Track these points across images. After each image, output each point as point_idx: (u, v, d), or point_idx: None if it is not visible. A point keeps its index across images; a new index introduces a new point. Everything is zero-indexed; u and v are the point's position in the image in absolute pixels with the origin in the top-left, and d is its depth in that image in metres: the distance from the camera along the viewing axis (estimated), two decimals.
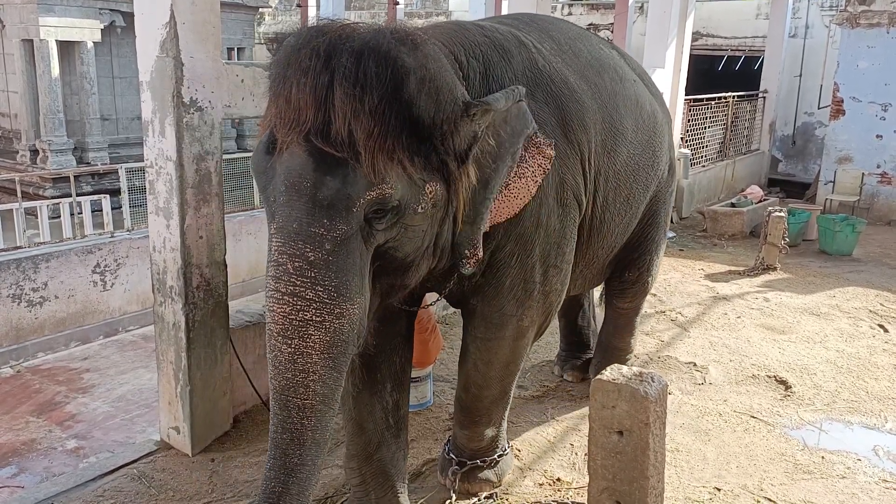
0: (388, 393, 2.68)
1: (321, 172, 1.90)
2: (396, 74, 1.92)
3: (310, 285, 1.90)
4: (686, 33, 8.25)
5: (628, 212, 3.19)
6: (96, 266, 5.64)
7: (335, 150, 1.89)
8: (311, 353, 1.92)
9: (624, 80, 3.12)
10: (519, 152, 2.35)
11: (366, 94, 1.88)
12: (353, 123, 1.87)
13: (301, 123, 1.90)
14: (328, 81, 1.88)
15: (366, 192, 1.91)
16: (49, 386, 4.61)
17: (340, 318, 1.93)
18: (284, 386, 1.93)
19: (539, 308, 2.70)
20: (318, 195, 1.89)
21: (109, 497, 3.00)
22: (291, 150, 1.93)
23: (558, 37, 2.92)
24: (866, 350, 4.80)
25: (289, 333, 1.91)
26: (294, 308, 1.90)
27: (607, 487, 2.20)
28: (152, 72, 3.11)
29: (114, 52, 14.44)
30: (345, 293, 1.93)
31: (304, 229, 1.90)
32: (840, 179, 9.70)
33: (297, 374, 1.92)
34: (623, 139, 2.98)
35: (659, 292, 5.99)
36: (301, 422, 1.94)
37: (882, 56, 9.46)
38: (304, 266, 1.90)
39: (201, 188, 3.22)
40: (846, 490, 3.16)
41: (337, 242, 1.91)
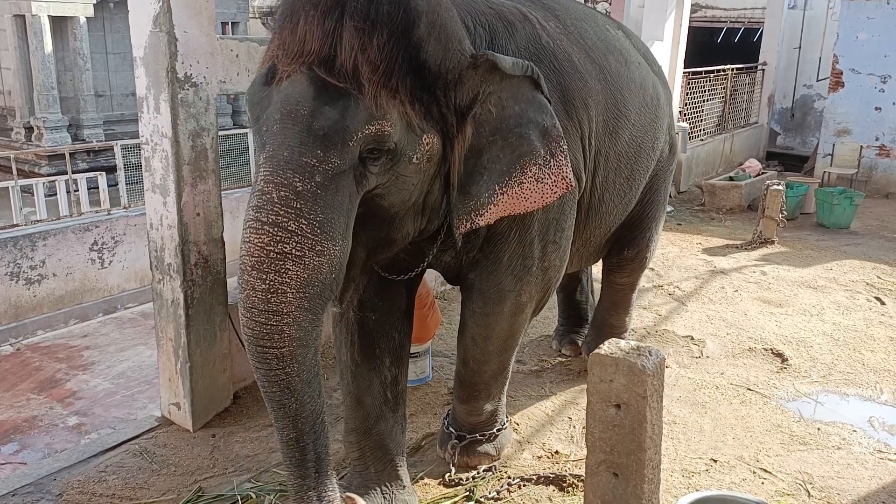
0: (387, 367, 2.68)
1: (320, 102, 1.86)
2: (408, 15, 1.91)
3: (294, 217, 1.83)
4: (685, 5, 8.17)
5: (628, 192, 3.18)
6: (94, 244, 5.63)
7: (338, 80, 1.87)
8: (286, 290, 1.83)
9: (629, 63, 3.10)
10: (532, 145, 2.25)
11: (375, 30, 1.86)
12: (359, 57, 1.86)
13: (305, 54, 1.88)
14: (338, 15, 1.86)
15: (364, 125, 1.88)
16: (49, 363, 4.62)
17: (321, 256, 1.86)
18: (259, 334, 1.85)
19: (537, 284, 2.70)
20: (315, 124, 1.85)
21: (111, 473, 3.02)
22: (292, 79, 1.90)
23: (563, 17, 2.88)
24: (863, 322, 4.83)
25: (265, 266, 1.82)
26: (273, 239, 1.82)
27: (605, 460, 2.22)
28: (146, 47, 3.08)
29: (107, 28, 14.28)
30: (328, 231, 1.87)
31: (296, 158, 1.84)
32: (838, 152, 9.67)
33: (271, 318, 1.83)
34: (626, 121, 2.96)
35: (657, 266, 6.00)
36: (284, 371, 1.87)
37: (882, 27, 9.38)
38: (290, 196, 1.83)
39: (197, 165, 3.20)
40: (841, 461, 3.20)
41: (328, 176, 1.86)
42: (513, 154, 2.24)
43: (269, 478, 2.95)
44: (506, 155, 2.23)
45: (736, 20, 13.18)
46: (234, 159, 10.57)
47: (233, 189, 7.17)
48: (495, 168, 2.23)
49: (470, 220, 2.25)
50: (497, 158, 2.23)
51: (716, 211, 8.15)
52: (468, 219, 2.26)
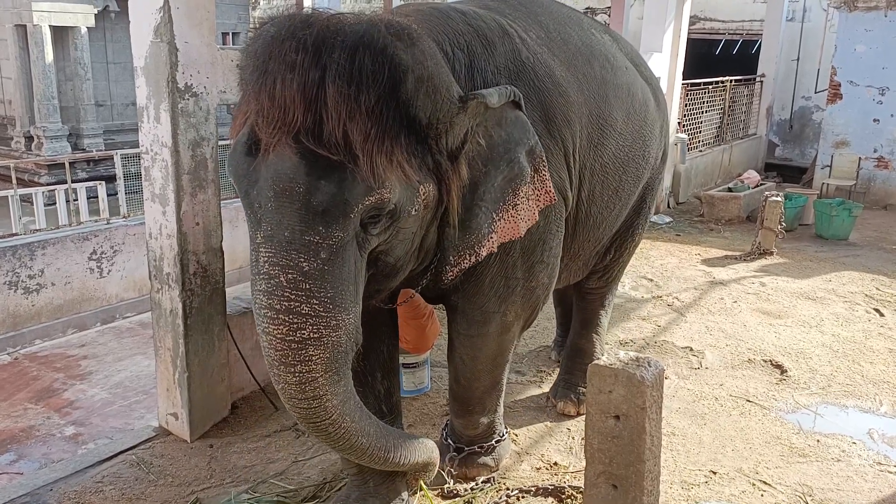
0: (379, 381, 2.66)
1: (314, 177, 1.79)
2: (394, 72, 1.82)
3: (305, 299, 1.82)
4: (684, 17, 8.22)
5: (617, 204, 3.11)
6: (93, 253, 5.62)
7: (329, 152, 1.78)
8: (315, 376, 1.88)
9: (615, 69, 3.01)
10: (522, 166, 2.26)
11: (361, 93, 1.77)
12: (348, 124, 1.76)
13: (288, 123, 1.78)
14: (319, 78, 1.76)
15: (364, 197, 1.82)
16: (47, 373, 4.61)
17: (337, 330, 1.88)
18: (306, 416, 1.95)
19: (523, 303, 2.65)
20: (313, 201, 1.79)
21: (108, 483, 3.01)
22: (279, 152, 1.80)
23: (547, 22, 2.81)
24: (862, 334, 4.82)
25: (290, 360, 1.86)
26: (291, 328, 1.83)
27: (604, 471, 2.22)
28: (147, 57, 3.09)
29: (108, 38, 14.33)
30: (340, 304, 1.87)
31: (298, 238, 1.80)
32: (837, 164, 9.69)
33: (311, 402, 1.92)
34: (612, 131, 2.89)
35: (655, 277, 6.01)
36: (341, 428, 1.98)
37: (880, 40, 9.43)
38: (298, 278, 1.81)
39: (197, 174, 3.20)
40: (841, 473, 3.18)
41: (333, 251, 1.83)
42: (505, 180, 2.24)
43: (267, 489, 2.94)
44: (499, 183, 2.23)
45: (734, 32, 13.24)
46: None
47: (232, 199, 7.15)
48: (490, 197, 2.23)
49: (473, 252, 2.25)
50: (492, 188, 2.23)
51: (714, 222, 8.16)
52: (471, 252, 2.25)
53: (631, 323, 4.94)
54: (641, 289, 5.70)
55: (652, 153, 3.29)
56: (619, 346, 4.52)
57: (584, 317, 3.72)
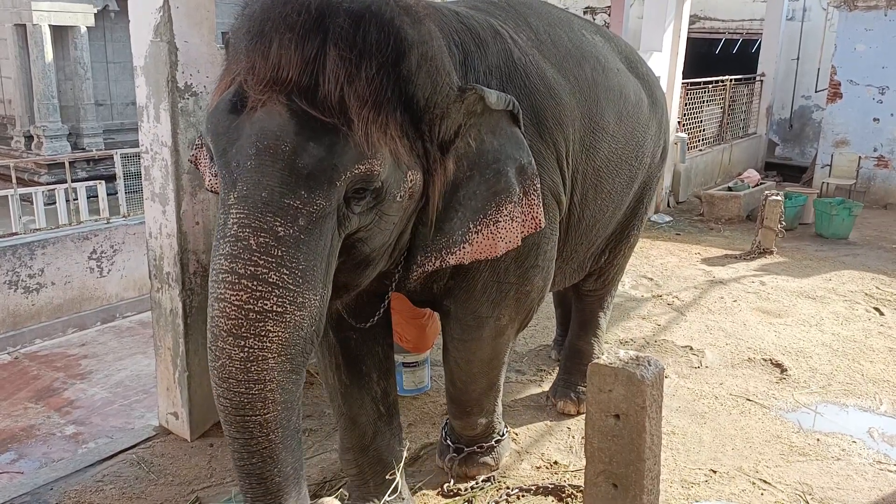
0: (376, 382, 2.62)
1: (304, 137, 1.68)
2: (399, 45, 1.76)
3: (275, 266, 1.64)
4: (683, 16, 8.21)
5: (610, 206, 3.05)
6: (93, 252, 5.62)
7: (323, 114, 1.69)
8: (267, 356, 1.66)
9: (607, 71, 2.94)
10: (509, 182, 2.14)
11: (363, 60, 1.70)
12: (346, 88, 1.68)
13: (282, 81, 1.68)
14: (320, 42, 1.68)
15: (354, 164, 1.72)
16: (47, 372, 4.61)
17: (302, 310, 1.70)
18: (238, 404, 1.67)
19: (517, 307, 2.59)
20: (298, 162, 1.67)
21: (109, 482, 3.01)
22: (268, 109, 1.70)
23: (537, 24, 2.74)
24: (862, 333, 4.83)
25: (242, 331, 1.64)
26: (253, 295, 1.63)
27: (604, 470, 2.22)
28: (146, 56, 3.09)
29: (107, 37, 14.33)
30: (310, 280, 1.70)
31: (276, 199, 1.65)
32: (837, 163, 9.69)
33: (253, 387, 1.66)
34: (604, 134, 2.83)
35: (655, 276, 6.01)
36: (267, 438, 1.70)
37: (879, 39, 9.43)
38: (270, 242, 1.64)
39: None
40: (841, 472, 3.19)
41: (312, 219, 1.69)
42: (489, 191, 2.12)
43: None
44: (482, 192, 2.11)
45: (734, 31, 13.24)
46: None
47: None
48: (470, 205, 2.11)
49: (440, 257, 2.11)
50: (473, 195, 2.10)
51: (714, 221, 8.16)
52: (438, 256, 2.11)
53: (631, 322, 4.94)
54: (641, 288, 5.70)
55: (646, 155, 3.23)
56: (619, 344, 4.52)
57: (583, 318, 3.70)
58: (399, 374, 3.68)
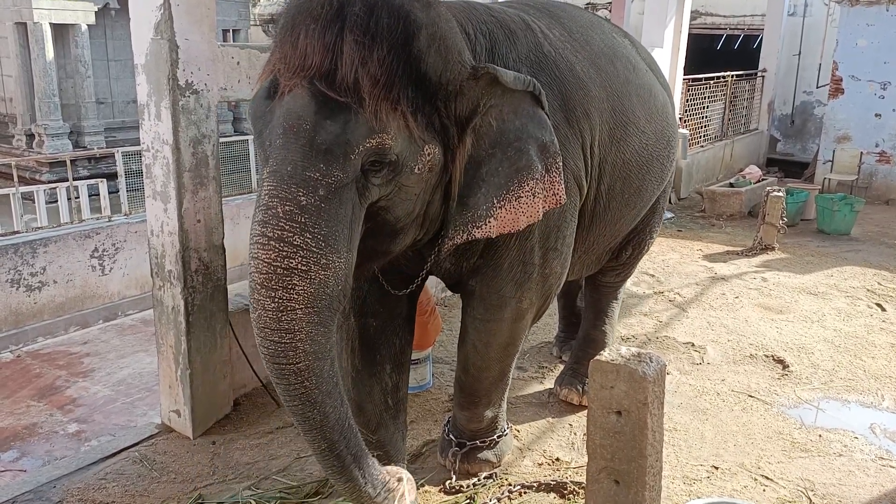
0: (388, 374, 2.68)
1: (322, 116, 1.89)
2: (408, 28, 1.93)
3: (298, 231, 1.87)
4: (685, 12, 8.20)
5: (639, 201, 3.14)
6: (94, 250, 5.62)
7: (338, 94, 1.89)
8: (295, 307, 1.88)
9: (637, 70, 3.08)
10: (531, 159, 2.26)
11: (375, 43, 1.88)
12: (359, 70, 1.87)
13: (307, 68, 1.90)
14: (339, 28, 1.88)
15: (365, 139, 1.91)
16: (49, 370, 4.61)
17: (326, 270, 1.91)
18: (274, 352, 1.91)
19: (538, 290, 2.69)
20: (317, 138, 1.88)
21: (111, 480, 3.02)
22: (294, 93, 1.92)
23: (570, 25, 2.87)
24: (864, 329, 4.82)
25: (272, 283, 1.87)
26: (280, 254, 1.86)
27: (606, 467, 2.22)
28: (147, 54, 3.09)
29: (108, 35, 14.33)
30: (333, 243, 1.91)
31: (299, 173, 1.88)
32: (838, 159, 9.68)
33: (284, 336, 1.89)
34: (634, 128, 2.93)
35: (657, 273, 6.01)
36: (303, 384, 1.93)
37: (881, 34, 9.40)
38: (294, 210, 1.87)
39: (198, 172, 3.21)
40: (843, 468, 3.19)
41: (331, 189, 1.90)
42: (511, 168, 2.25)
43: (270, 485, 2.95)
44: (504, 168, 2.24)
45: (735, 27, 13.22)
46: (235, 166, 10.58)
47: (233, 196, 7.17)
48: (493, 181, 2.24)
49: (467, 231, 2.27)
50: (496, 171, 2.24)
51: (716, 217, 8.15)
52: (465, 230, 2.27)
53: (632, 318, 4.94)
54: (643, 284, 5.70)
55: (673, 154, 3.35)
56: (620, 341, 4.52)
57: (598, 308, 3.78)
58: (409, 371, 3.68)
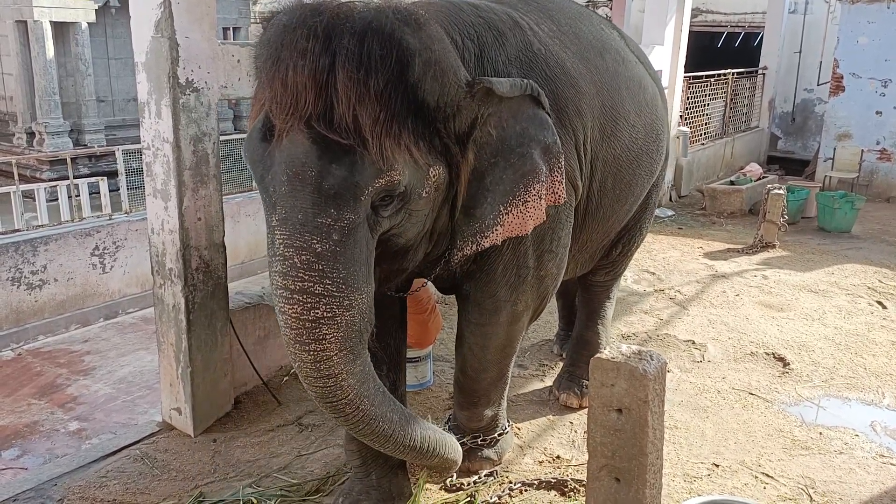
0: (385, 375, 2.64)
1: (326, 161, 1.85)
2: (402, 56, 1.87)
3: (318, 279, 1.87)
4: (685, 10, 8.19)
5: (630, 196, 3.13)
6: (95, 249, 5.62)
7: (340, 136, 1.84)
8: (330, 354, 1.92)
9: (626, 62, 3.05)
10: (535, 163, 2.25)
11: (370, 77, 1.82)
12: (357, 108, 1.82)
13: (300, 109, 1.84)
14: (329, 64, 1.81)
15: (374, 179, 1.88)
16: (50, 368, 4.62)
17: (350, 310, 1.92)
18: (322, 395, 1.97)
19: (534, 292, 2.67)
20: (324, 184, 1.85)
21: (112, 478, 3.02)
22: (292, 138, 1.87)
23: (558, 17, 2.84)
24: (864, 327, 4.82)
25: (304, 338, 1.90)
26: (305, 307, 1.88)
27: (606, 464, 2.22)
28: (147, 52, 3.09)
29: (108, 33, 14.32)
30: (353, 284, 1.92)
31: (311, 220, 1.86)
32: (839, 156, 9.67)
33: (328, 381, 1.95)
34: (624, 123, 2.92)
35: (658, 270, 6.00)
36: (359, 409, 2.00)
37: (882, 32, 9.39)
38: (311, 259, 1.86)
39: (199, 170, 3.20)
40: (843, 465, 3.19)
41: (345, 233, 1.88)
42: (516, 174, 2.24)
43: (271, 483, 2.95)
44: (509, 175, 2.23)
45: (736, 25, 13.20)
46: (236, 164, 10.55)
47: (234, 194, 7.17)
48: (499, 189, 2.23)
49: (475, 241, 2.27)
50: (500, 179, 2.23)
51: (717, 215, 8.15)
52: (473, 241, 2.27)
53: (633, 316, 4.94)
54: (644, 282, 5.70)
55: (663, 147, 3.33)
56: (621, 339, 4.52)
57: (591, 308, 3.75)
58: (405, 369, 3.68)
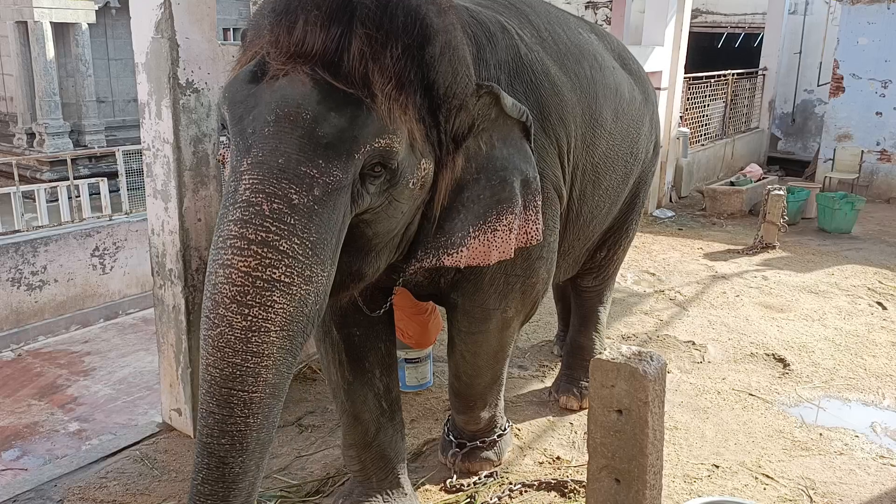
0: (378, 379, 2.62)
1: (326, 106, 1.67)
2: (425, 31, 1.79)
3: (286, 234, 1.61)
4: (685, 10, 8.19)
5: (607, 202, 3.08)
6: (95, 249, 5.63)
7: (346, 86, 1.69)
8: (269, 328, 1.60)
9: (603, 69, 2.98)
10: (513, 192, 2.15)
11: (390, 40, 1.72)
12: (371, 65, 1.70)
13: (305, 55, 1.69)
14: (347, 20, 1.69)
15: (374, 137, 1.72)
16: (50, 369, 4.62)
17: (308, 283, 1.65)
18: (229, 375, 1.59)
19: (523, 299, 2.61)
20: (319, 131, 1.66)
21: (112, 479, 3.02)
22: (291, 78, 1.70)
23: (537, 21, 2.77)
24: (864, 327, 4.82)
25: (248, 298, 1.58)
26: (262, 262, 1.58)
27: (606, 465, 2.22)
28: (147, 53, 3.09)
29: (109, 34, 14.34)
30: (320, 253, 1.67)
31: (293, 167, 1.63)
32: (839, 157, 9.67)
33: (249, 359, 1.59)
34: (602, 130, 2.86)
35: (658, 271, 6.01)
36: (245, 421, 1.62)
37: (882, 32, 9.39)
38: (284, 209, 1.61)
39: (199, 170, 3.21)
40: (844, 466, 3.19)
41: (327, 190, 1.66)
42: (493, 198, 2.13)
43: (270, 483, 2.95)
44: (486, 196, 2.12)
45: (736, 25, 13.20)
46: None
47: None
48: (473, 208, 2.11)
49: (437, 256, 2.13)
50: (477, 198, 2.11)
51: (717, 216, 8.15)
52: (435, 255, 2.12)
53: (633, 317, 4.94)
54: (644, 283, 5.70)
55: (641, 150, 3.27)
56: (621, 340, 4.52)
57: (583, 314, 3.71)
58: (401, 370, 3.68)
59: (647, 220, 7.88)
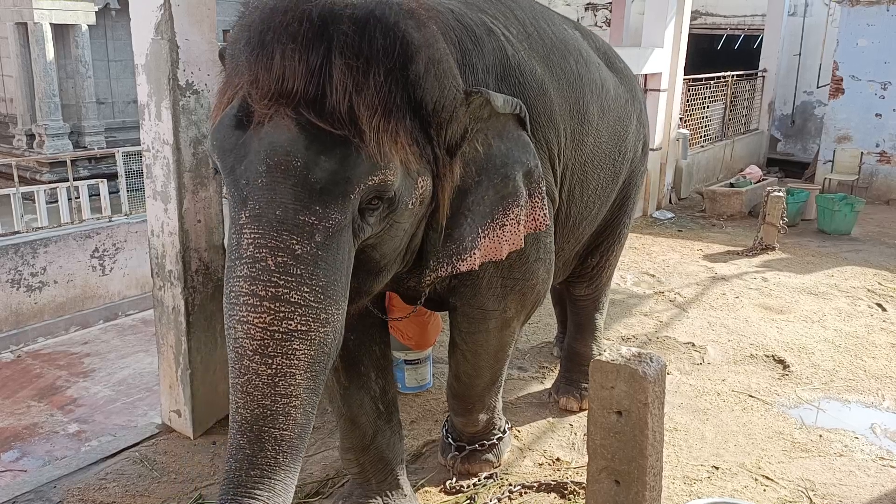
0: (374, 381, 2.61)
1: (314, 151, 1.64)
2: (406, 50, 1.72)
3: (295, 286, 1.62)
4: (685, 12, 8.19)
5: (597, 202, 3.05)
6: (95, 251, 5.63)
7: (332, 126, 1.64)
8: (294, 373, 1.64)
9: (589, 64, 2.95)
10: (517, 186, 2.15)
11: (371, 67, 1.66)
12: (354, 98, 1.64)
13: (287, 94, 1.63)
14: (325, 50, 1.63)
15: (367, 176, 1.69)
16: (50, 370, 4.62)
17: (326, 326, 1.68)
18: (260, 416, 1.62)
19: (523, 300, 2.61)
20: (311, 177, 1.63)
21: (112, 480, 3.02)
22: (275, 123, 1.65)
23: (522, 17, 2.73)
24: (864, 329, 4.82)
25: (269, 350, 1.61)
26: (276, 317, 1.61)
27: (606, 467, 2.22)
28: (147, 55, 3.09)
29: (108, 35, 14.35)
30: (332, 295, 1.68)
31: (291, 217, 1.62)
32: (839, 159, 9.67)
33: (278, 401, 1.62)
34: (589, 127, 2.83)
35: (657, 273, 6.01)
36: (275, 457, 1.63)
37: (882, 34, 9.40)
38: (289, 262, 1.62)
39: (199, 172, 3.21)
40: (843, 468, 3.19)
41: (329, 234, 1.66)
42: (497, 195, 2.13)
43: None
44: (490, 197, 2.12)
45: (736, 27, 13.20)
46: None
47: None
48: (479, 210, 2.11)
49: (451, 264, 2.13)
50: (481, 200, 2.11)
51: (717, 217, 8.15)
52: (449, 263, 2.12)
53: (633, 319, 4.94)
54: (643, 284, 5.70)
55: (629, 149, 3.23)
56: (621, 341, 4.52)
57: (579, 321, 3.69)
58: (401, 371, 3.68)
59: (647, 222, 7.89)
